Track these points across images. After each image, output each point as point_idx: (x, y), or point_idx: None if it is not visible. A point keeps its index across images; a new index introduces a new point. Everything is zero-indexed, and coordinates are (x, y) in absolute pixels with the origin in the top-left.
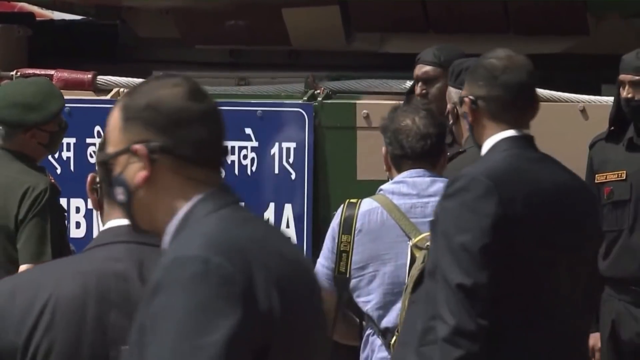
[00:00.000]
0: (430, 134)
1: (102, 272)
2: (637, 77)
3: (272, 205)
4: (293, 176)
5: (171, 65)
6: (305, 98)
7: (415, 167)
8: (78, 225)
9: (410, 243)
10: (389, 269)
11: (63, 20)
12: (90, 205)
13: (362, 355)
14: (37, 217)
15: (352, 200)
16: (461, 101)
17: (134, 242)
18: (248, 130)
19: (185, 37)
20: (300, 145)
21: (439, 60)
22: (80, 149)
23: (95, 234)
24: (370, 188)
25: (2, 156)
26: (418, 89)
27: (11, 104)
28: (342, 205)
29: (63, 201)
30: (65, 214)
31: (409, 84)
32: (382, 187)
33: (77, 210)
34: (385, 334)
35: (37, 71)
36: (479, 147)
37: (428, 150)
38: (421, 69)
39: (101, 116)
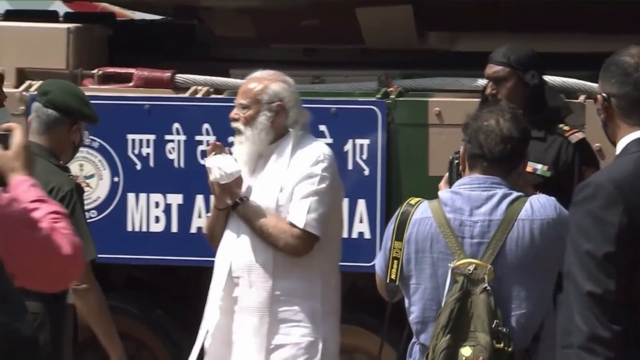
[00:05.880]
0: (512, 137)
1: None
2: None
3: (345, 200)
4: (366, 172)
5: (247, 64)
6: (379, 95)
7: (488, 171)
8: (157, 219)
9: (452, 265)
10: (429, 285)
11: (143, 20)
12: (169, 200)
13: None
14: (72, 217)
15: (411, 202)
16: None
17: None
18: (322, 127)
19: (261, 36)
20: (373, 142)
21: (508, 60)
22: (159, 146)
23: (174, 228)
24: None
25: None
26: (488, 89)
27: (72, 93)
28: (400, 207)
29: (143, 196)
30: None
31: (480, 82)
32: (440, 192)
33: (157, 205)
34: (423, 348)
35: (118, 69)
36: (614, 144)
37: (507, 155)
38: (491, 69)
39: (180, 113)
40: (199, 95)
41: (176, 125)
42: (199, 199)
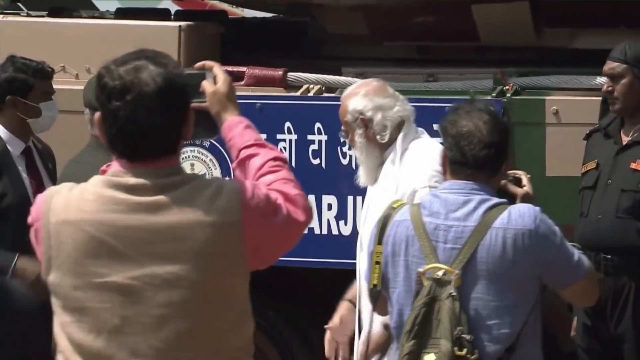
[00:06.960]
0: (494, 142)
1: None
2: None
3: None
4: None
5: (360, 62)
6: (494, 94)
7: (471, 177)
8: None
9: (421, 269)
10: (402, 289)
11: (254, 18)
12: None
13: None
14: None
15: (393, 205)
16: None
17: None
18: (436, 126)
19: (374, 34)
20: None
21: (625, 56)
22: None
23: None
24: (559, 184)
25: (89, 144)
26: (605, 86)
27: (91, 86)
28: (385, 209)
29: None
30: None
31: (599, 80)
32: (423, 196)
33: None
34: None
35: (229, 68)
36: None
37: (490, 160)
38: (607, 65)
39: (291, 112)
40: (310, 94)
41: (288, 123)
42: (310, 199)
